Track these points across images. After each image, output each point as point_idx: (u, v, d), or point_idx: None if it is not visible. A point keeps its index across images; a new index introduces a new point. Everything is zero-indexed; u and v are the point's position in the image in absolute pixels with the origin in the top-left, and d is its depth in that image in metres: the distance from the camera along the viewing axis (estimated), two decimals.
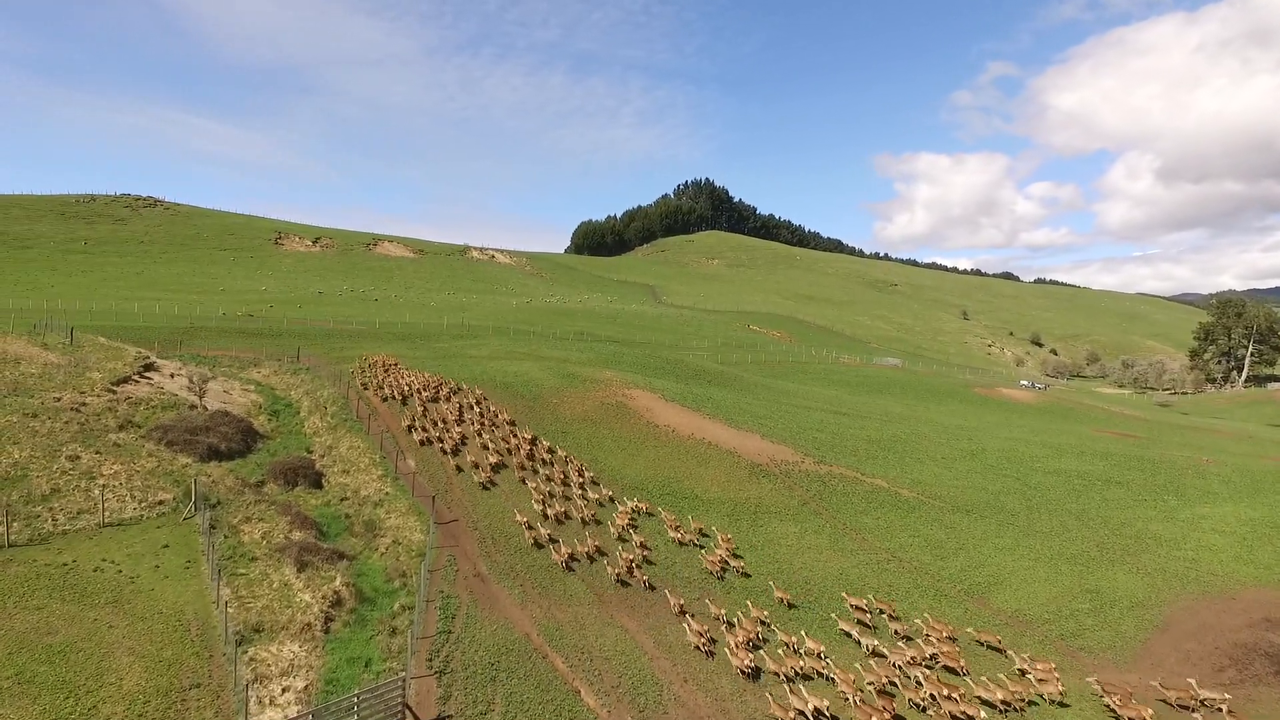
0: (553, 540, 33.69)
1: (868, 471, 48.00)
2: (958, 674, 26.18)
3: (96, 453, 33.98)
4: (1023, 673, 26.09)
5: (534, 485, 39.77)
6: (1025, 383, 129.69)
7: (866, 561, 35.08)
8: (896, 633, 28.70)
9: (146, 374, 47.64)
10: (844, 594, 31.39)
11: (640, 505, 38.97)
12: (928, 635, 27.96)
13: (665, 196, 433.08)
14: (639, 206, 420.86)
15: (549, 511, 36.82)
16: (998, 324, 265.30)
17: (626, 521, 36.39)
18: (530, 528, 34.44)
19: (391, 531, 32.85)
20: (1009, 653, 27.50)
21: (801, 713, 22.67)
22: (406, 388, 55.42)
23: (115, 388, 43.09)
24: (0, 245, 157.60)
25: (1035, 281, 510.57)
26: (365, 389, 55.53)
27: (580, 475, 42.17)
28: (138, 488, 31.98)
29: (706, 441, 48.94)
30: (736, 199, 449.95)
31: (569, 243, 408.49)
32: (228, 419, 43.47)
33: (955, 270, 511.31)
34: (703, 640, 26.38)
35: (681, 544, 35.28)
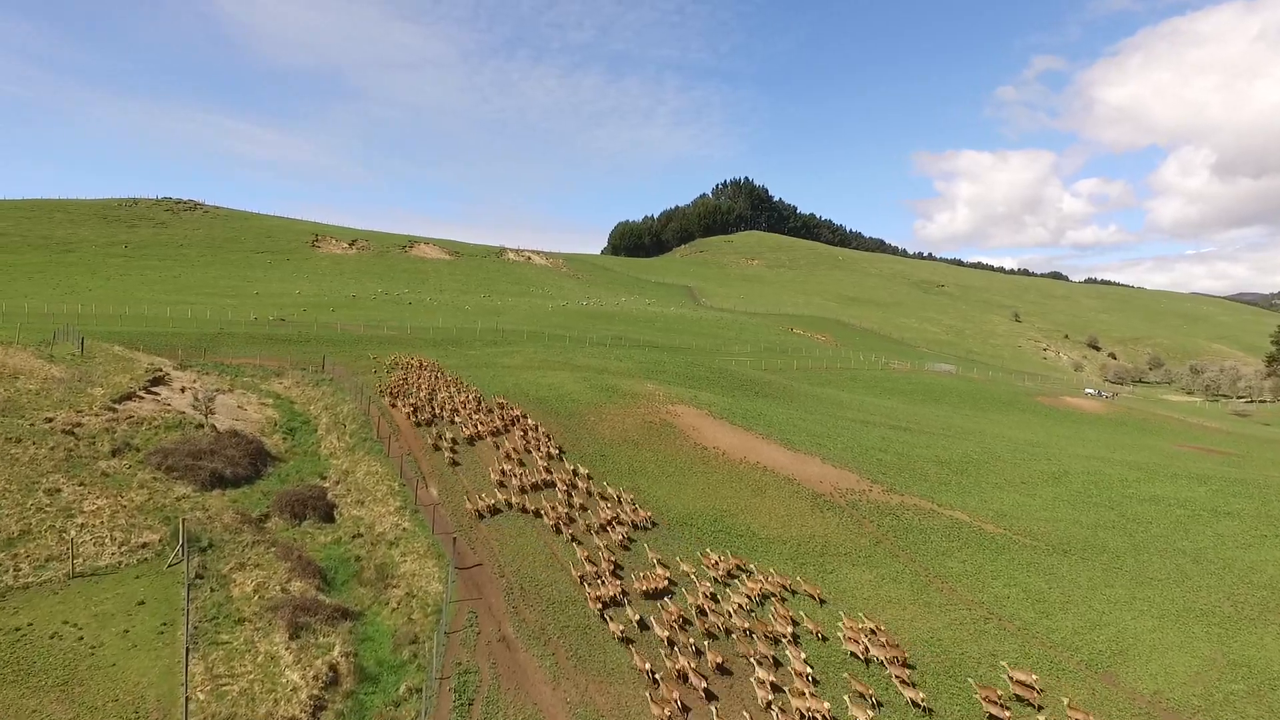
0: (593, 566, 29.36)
1: (943, 502, 42.47)
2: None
3: (80, 484, 30.26)
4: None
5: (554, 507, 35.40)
6: (1091, 391, 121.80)
7: (960, 620, 29.72)
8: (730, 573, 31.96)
9: (154, 388, 44.20)
10: (706, 550, 33.55)
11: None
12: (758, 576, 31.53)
13: (703, 196, 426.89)
14: (676, 206, 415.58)
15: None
16: (1051, 326, 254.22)
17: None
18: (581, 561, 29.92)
19: (406, 580, 28.48)
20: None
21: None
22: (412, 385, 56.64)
23: (116, 405, 39.60)
24: (44, 249, 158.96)
25: (1086, 281, 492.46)
26: (383, 396, 51.73)
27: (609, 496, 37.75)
28: (121, 527, 28.09)
29: (761, 466, 43.87)
30: (776, 198, 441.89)
31: (606, 243, 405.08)
32: (236, 440, 39.71)
33: (1001, 270, 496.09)
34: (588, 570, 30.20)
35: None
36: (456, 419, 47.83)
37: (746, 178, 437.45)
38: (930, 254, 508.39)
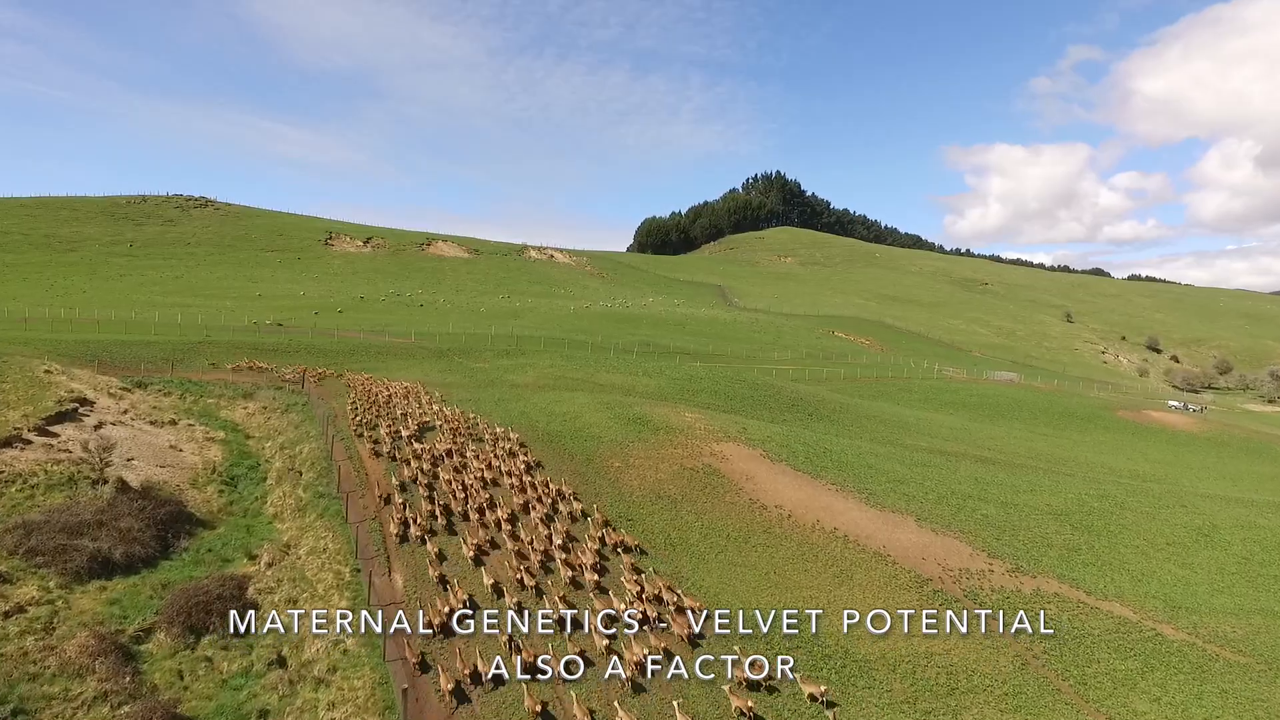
0: None
1: (1091, 587, 31.21)
2: None
3: None
4: None
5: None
6: (1176, 404, 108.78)
7: None
8: None
9: (54, 426, 34.49)
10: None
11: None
12: None
13: (733, 191, 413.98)
14: (705, 202, 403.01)
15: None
16: (1105, 327, 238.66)
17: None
18: None
19: None
20: None
21: None
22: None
23: None
24: (46, 248, 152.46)
25: (1129, 278, 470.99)
26: (356, 431, 41.67)
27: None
28: None
29: (840, 535, 32.97)
30: (809, 193, 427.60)
31: (631, 241, 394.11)
32: (143, 503, 29.78)
33: (1041, 267, 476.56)
34: None
35: None
36: (442, 470, 37.63)
37: (778, 171, 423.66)
38: (968, 250, 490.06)
